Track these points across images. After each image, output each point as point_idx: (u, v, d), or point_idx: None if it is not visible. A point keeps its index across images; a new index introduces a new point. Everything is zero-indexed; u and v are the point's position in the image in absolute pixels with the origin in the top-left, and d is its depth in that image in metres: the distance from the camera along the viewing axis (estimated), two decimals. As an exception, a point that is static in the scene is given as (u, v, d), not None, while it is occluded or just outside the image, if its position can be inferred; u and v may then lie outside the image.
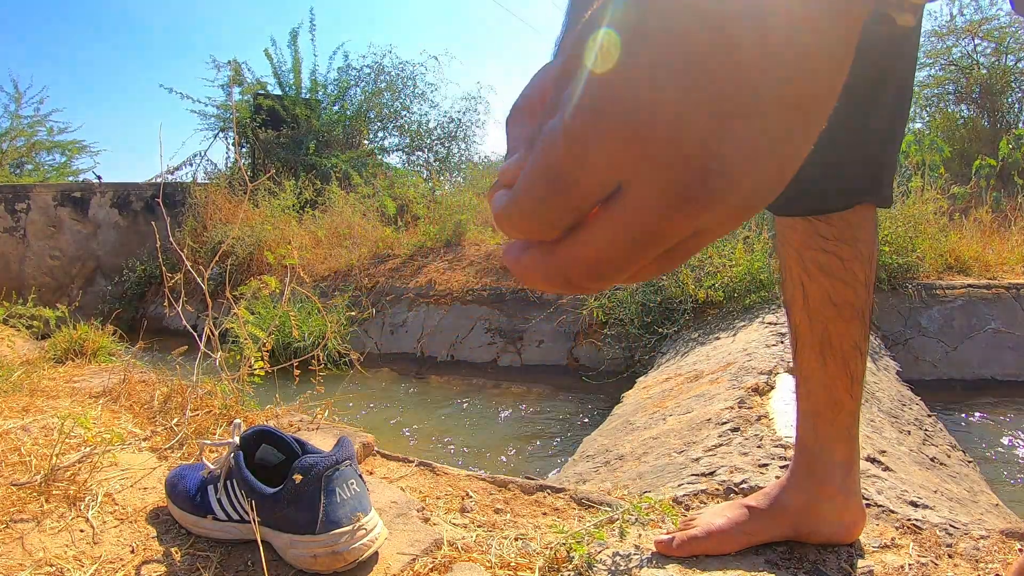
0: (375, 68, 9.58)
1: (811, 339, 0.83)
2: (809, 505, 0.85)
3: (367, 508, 0.82)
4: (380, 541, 0.82)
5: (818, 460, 0.84)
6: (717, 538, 0.85)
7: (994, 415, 2.82)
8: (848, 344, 0.80)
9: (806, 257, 0.80)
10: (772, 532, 0.87)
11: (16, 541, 0.83)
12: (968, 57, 8.10)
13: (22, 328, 3.33)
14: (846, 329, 0.79)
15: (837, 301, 0.79)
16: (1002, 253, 3.91)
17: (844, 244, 0.78)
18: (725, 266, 3.41)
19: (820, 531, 0.87)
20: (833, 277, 0.79)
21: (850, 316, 0.79)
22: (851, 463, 0.85)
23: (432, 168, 9.47)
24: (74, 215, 7.08)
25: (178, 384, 1.44)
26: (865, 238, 0.78)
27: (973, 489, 1.53)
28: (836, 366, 0.81)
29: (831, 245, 0.78)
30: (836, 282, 0.79)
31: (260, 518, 0.81)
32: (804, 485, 0.86)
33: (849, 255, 0.78)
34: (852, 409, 0.83)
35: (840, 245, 0.78)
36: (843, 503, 0.86)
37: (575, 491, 1.13)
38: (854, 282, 0.78)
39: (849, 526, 0.88)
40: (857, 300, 0.78)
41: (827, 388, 0.82)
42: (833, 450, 0.84)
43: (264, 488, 0.82)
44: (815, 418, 0.85)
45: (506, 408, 3.38)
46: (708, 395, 1.90)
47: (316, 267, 5.47)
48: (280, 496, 0.80)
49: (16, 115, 10.87)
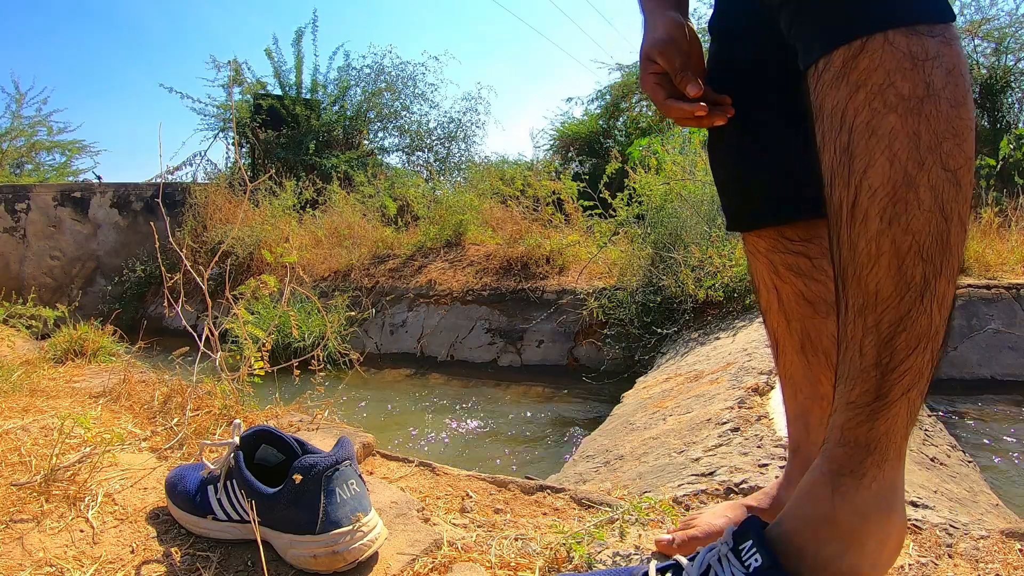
0: (375, 68, 9.61)
1: (791, 340, 0.83)
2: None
3: (367, 508, 0.82)
4: (380, 541, 0.82)
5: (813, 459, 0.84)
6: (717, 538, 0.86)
7: (994, 415, 2.82)
8: (827, 339, 0.80)
9: (775, 261, 0.81)
10: None
11: (16, 541, 0.83)
12: (968, 57, 8.10)
13: (22, 328, 3.34)
14: (823, 325, 0.80)
15: (811, 298, 0.80)
16: (1002, 253, 3.92)
17: (811, 243, 0.79)
18: (725, 266, 3.41)
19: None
20: (804, 276, 0.79)
21: (826, 311, 0.79)
22: None
23: (432, 168, 9.48)
24: (74, 215, 7.09)
25: (178, 384, 1.44)
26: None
27: (973, 489, 1.53)
28: (819, 362, 0.81)
29: (798, 246, 0.79)
30: (808, 280, 0.79)
31: (260, 518, 0.81)
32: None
33: (818, 253, 0.79)
34: None
35: (807, 245, 0.79)
36: None
37: (575, 491, 1.13)
38: (825, 278, 0.78)
39: None
40: (830, 295, 0.78)
41: (813, 385, 0.82)
42: None
43: (264, 488, 0.82)
44: (806, 417, 0.85)
45: (506, 408, 3.38)
46: (708, 395, 1.90)
47: (316, 267, 5.47)
48: (280, 496, 0.80)
49: (17, 115, 10.88)
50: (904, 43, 0.53)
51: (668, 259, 3.73)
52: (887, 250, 0.55)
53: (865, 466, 0.58)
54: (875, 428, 0.57)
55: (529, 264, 4.71)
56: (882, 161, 0.53)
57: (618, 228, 4.46)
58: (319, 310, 3.31)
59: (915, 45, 0.52)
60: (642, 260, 3.95)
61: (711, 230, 3.66)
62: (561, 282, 4.44)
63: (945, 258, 0.55)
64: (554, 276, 4.55)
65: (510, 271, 4.71)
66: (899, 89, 0.52)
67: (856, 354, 0.58)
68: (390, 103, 9.62)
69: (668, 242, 3.84)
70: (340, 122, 8.96)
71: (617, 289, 3.96)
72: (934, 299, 0.56)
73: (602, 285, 4.13)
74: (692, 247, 3.65)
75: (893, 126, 0.53)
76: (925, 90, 0.52)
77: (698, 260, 3.55)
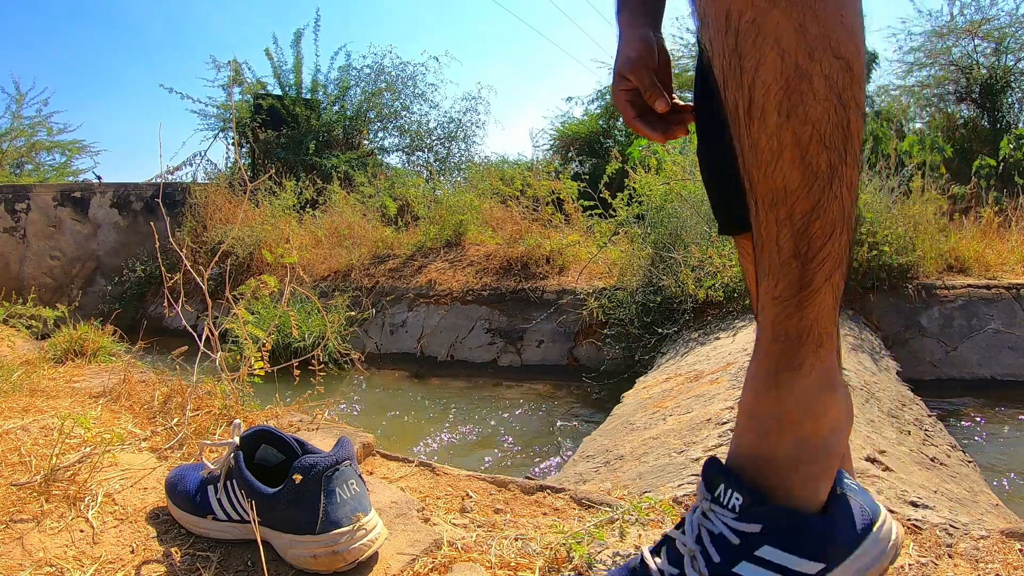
0: (375, 68, 9.60)
1: None
2: None
3: (367, 508, 0.82)
4: (380, 541, 0.82)
5: None
6: None
7: (994, 415, 2.82)
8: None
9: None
10: None
11: (16, 541, 0.83)
12: (968, 57, 8.11)
13: (22, 328, 3.34)
14: None
15: None
16: (1002, 253, 3.92)
17: None
18: (725, 266, 3.41)
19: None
20: None
21: None
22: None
23: (432, 168, 9.48)
24: (74, 215, 7.09)
25: (178, 384, 1.44)
26: None
27: (973, 489, 1.53)
28: None
29: None
30: None
31: (260, 518, 0.81)
32: None
33: None
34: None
35: None
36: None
37: (575, 491, 1.13)
38: None
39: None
40: None
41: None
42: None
43: (264, 488, 0.82)
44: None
45: (506, 408, 3.38)
46: (708, 395, 1.90)
47: (316, 267, 5.47)
48: (280, 496, 0.80)
49: (17, 115, 10.88)
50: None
51: (668, 259, 3.73)
52: (789, 142, 0.55)
53: (800, 356, 0.60)
54: (804, 318, 0.59)
55: (529, 264, 4.71)
56: (772, 56, 0.53)
57: (618, 228, 4.46)
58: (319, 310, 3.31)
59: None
60: (642, 260, 3.95)
61: (711, 230, 3.66)
62: (561, 282, 4.44)
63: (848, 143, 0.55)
64: (554, 276, 4.55)
65: (510, 271, 4.71)
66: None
67: (774, 249, 0.58)
68: (390, 103, 9.62)
69: (668, 242, 3.84)
70: (340, 122, 8.96)
71: (617, 289, 3.96)
72: (843, 184, 0.56)
73: (602, 285, 4.13)
74: (692, 247, 3.65)
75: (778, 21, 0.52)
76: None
77: (698, 260, 3.55)
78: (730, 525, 0.60)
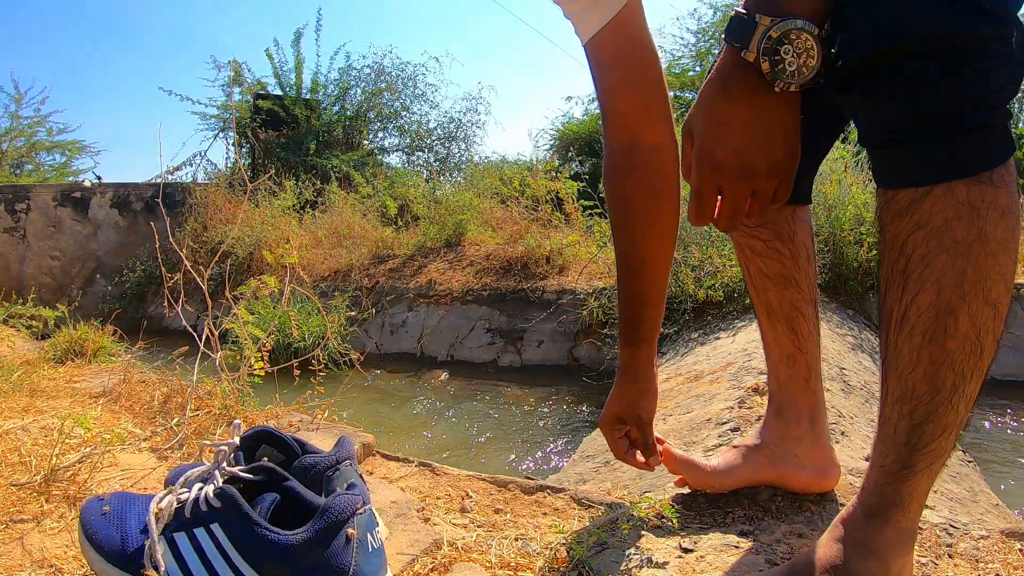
0: (375, 68, 9.59)
1: (760, 308, 1.02)
2: (781, 438, 1.00)
3: (367, 508, 0.81)
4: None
5: (784, 407, 1.01)
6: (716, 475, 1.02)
7: (994, 415, 2.82)
8: (787, 306, 0.97)
9: (741, 243, 0.99)
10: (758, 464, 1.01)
11: (16, 541, 0.83)
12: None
13: (22, 328, 3.34)
14: (782, 294, 0.97)
15: (768, 273, 0.97)
16: (1002, 253, 3.91)
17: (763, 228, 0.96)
18: (725, 266, 3.41)
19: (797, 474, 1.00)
20: (760, 255, 0.97)
21: (783, 284, 0.97)
22: (815, 413, 1.01)
23: (432, 168, 9.48)
24: (74, 215, 7.08)
25: (178, 384, 1.44)
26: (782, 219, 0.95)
27: (973, 489, 1.53)
28: (781, 326, 0.99)
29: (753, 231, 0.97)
30: (763, 259, 0.97)
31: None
32: (775, 423, 1.02)
33: (769, 236, 0.95)
34: (805, 362, 0.99)
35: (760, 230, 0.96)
36: (812, 444, 1.00)
37: (575, 491, 1.13)
38: (778, 256, 0.96)
39: (824, 470, 1.01)
40: (785, 270, 0.96)
41: (779, 345, 1.00)
42: (796, 399, 1.00)
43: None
44: (777, 372, 1.02)
45: (506, 408, 3.38)
46: (708, 395, 1.90)
47: (316, 267, 5.47)
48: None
49: (16, 115, 10.88)
50: (964, 192, 0.61)
51: (668, 259, 3.72)
52: (925, 360, 0.66)
53: (890, 513, 0.72)
54: (900, 489, 0.71)
55: (529, 264, 4.71)
56: (931, 290, 0.64)
57: (618, 228, 4.45)
58: (319, 310, 3.31)
59: (974, 194, 0.61)
60: (642, 260, 3.94)
61: (711, 230, 3.66)
62: (561, 282, 4.44)
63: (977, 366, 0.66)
64: (554, 276, 4.55)
65: (510, 271, 4.71)
66: (954, 233, 0.62)
67: (891, 430, 0.70)
68: (390, 103, 9.62)
69: (668, 242, 3.83)
70: (340, 122, 8.95)
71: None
72: (962, 399, 0.67)
73: (602, 285, 4.12)
74: (692, 247, 3.65)
75: (945, 264, 0.63)
76: (977, 235, 0.62)
77: (698, 260, 3.55)
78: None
